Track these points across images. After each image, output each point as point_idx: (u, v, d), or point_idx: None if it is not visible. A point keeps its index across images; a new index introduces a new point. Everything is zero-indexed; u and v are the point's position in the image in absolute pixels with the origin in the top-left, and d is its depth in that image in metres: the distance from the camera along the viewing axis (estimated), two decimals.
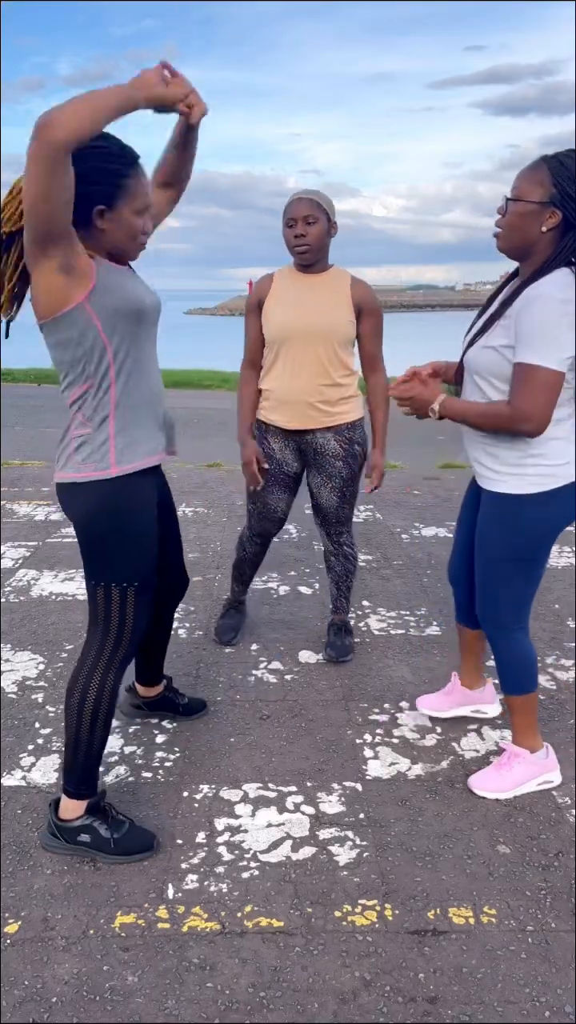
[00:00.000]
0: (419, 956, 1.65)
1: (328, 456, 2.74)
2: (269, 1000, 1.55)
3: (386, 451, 2.79)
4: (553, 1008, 1.53)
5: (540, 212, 1.76)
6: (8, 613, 3.34)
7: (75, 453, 1.75)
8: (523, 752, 2.13)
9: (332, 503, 2.82)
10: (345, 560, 2.94)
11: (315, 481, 2.81)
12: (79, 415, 1.74)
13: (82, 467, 1.74)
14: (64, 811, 1.92)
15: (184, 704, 2.52)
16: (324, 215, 2.53)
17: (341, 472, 2.77)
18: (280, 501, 2.84)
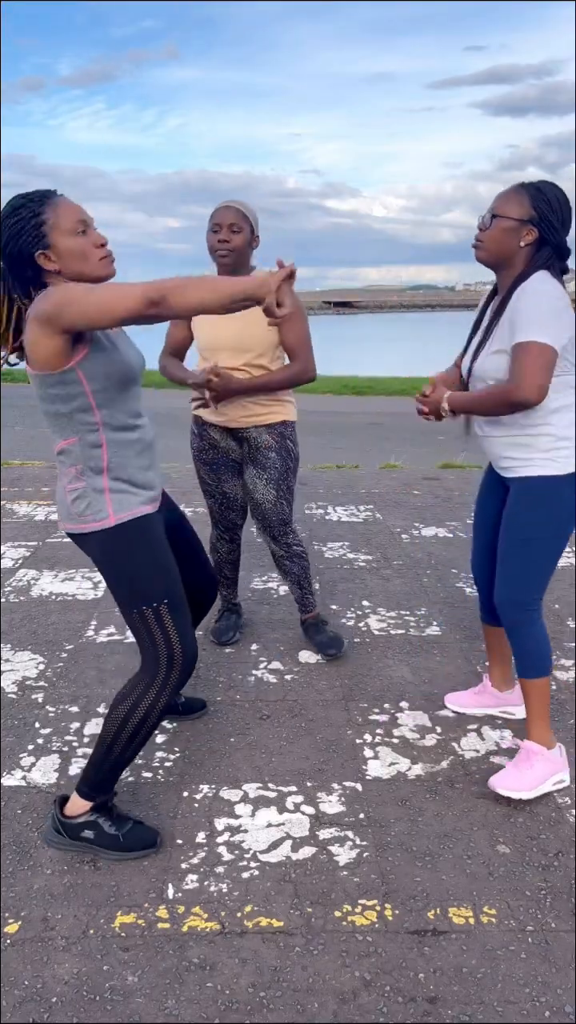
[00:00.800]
0: (419, 956, 1.65)
1: (262, 448, 2.77)
2: (269, 1000, 1.55)
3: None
4: (553, 1008, 1.53)
5: (519, 228, 1.97)
6: (8, 613, 3.34)
7: (72, 506, 1.80)
8: (541, 749, 2.14)
9: (269, 497, 2.79)
10: (298, 559, 2.93)
11: (250, 475, 2.81)
12: (71, 469, 1.78)
13: (82, 520, 1.80)
14: (70, 808, 1.93)
15: (183, 703, 2.52)
16: (248, 225, 2.62)
17: (275, 463, 2.77)
18: (235, 487, 2.89)
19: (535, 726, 2.16)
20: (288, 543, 2.90)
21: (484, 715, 2.54)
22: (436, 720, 2.53)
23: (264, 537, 2.91)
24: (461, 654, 2.97)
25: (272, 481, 2.79)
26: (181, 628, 1.84)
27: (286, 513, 2.85)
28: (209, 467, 2.85)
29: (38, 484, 5.52)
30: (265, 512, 2.83)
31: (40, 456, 6.57)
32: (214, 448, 2.82)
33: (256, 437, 2.77)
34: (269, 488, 2.80)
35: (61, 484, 1.82)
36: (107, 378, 1.71)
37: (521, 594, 2.11)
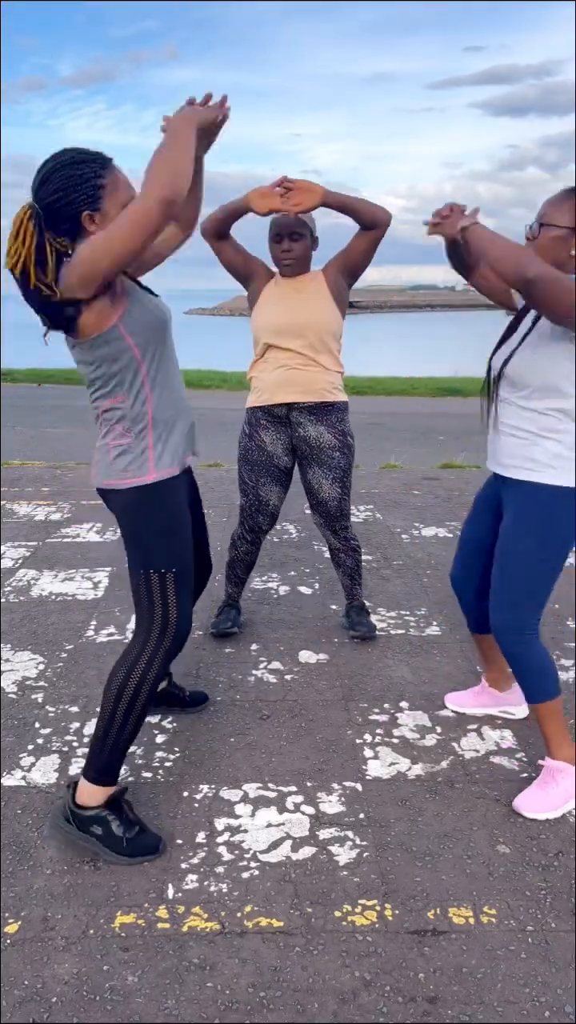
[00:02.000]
0: (419, 956, 1.65)
1: (325, 448, 2.82)
2: (269, 1000, 1.55)
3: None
4: (553, 1008, 1.53)
5: (568, 237, 1.87)
6: (8, 613, 3.34)
7: (115, 461, 1.85)
8: (566, 766, 2.09)
9: (335, 495, 2.87)
10: (353, 552, 3.04)
11: (315, 475, 2.86)
12: (118, 426, 1.83)
13: (123, 475, 1.84)
14: (81, 796, 1.92)
15: (188, 696, 2.55)
16: (308, 230, 2.71)
17: (340, 463, 2.85)
18: (272, 494, 2.91)
19: (554, 745, 2.10)
20: (347, 536, 2.99)
21: (484, 715, 2.55)
22: (436, 720, 2.53)
23: (323, 531, 2.99)
24: (461, 654, 2.97)
25: (338, 480, 2.86)
26: (181, 600, 1.90)
27: (348, 508, 2.93)
28: (251, 467, 2.88)
29: (38, 484, 5.52)
30: (329, 509, 2.90)
31: (40, 456, 6.58)
32: (261, 450, 2.85)
33: (317, 438, 2.80)
34: (335, 487, 2.86)
35: (104, 442, 1.87)
36: (146, 328, 1.77)
37: (519, 619, 2.04)
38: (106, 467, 1.87)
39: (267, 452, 2.85)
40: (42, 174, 1.68)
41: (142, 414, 1.82)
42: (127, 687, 1.87)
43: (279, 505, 2.95)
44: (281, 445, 2.85)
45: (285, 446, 2.86)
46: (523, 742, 2.40)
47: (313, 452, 2.82)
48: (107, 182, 1.69)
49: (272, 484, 2.90)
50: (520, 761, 2.31)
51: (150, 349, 1.79)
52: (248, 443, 2.89)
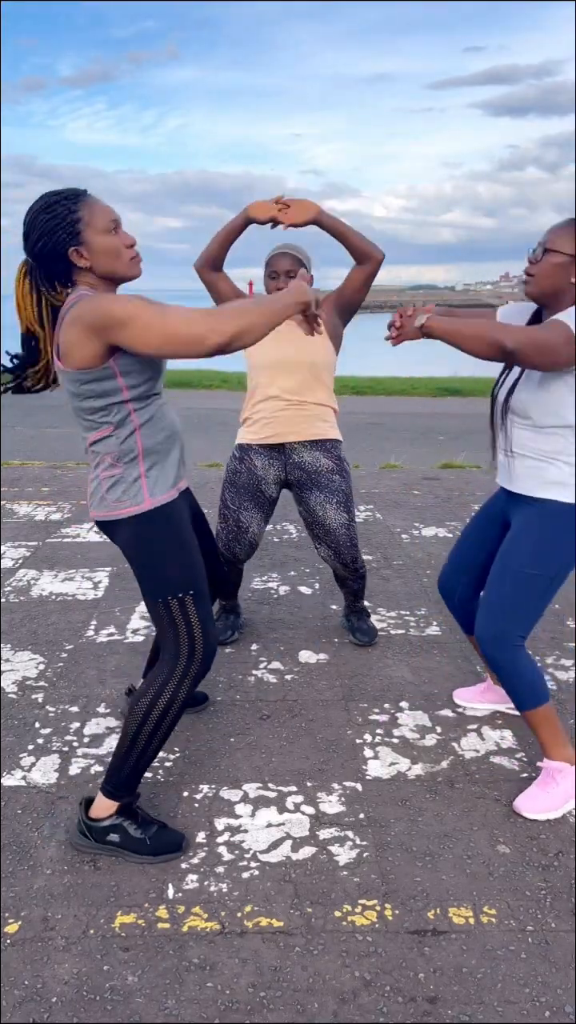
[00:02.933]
0: (419, 956, 1.65)
1: (324, 472, 2.78)
2: (269, 1000, 1.55)
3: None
4: (553, 1008, 1.53)
5: (569, 265, 1.89)
6: (8, 613, 3.34)
7: (108, 493, 1.82)
8: (564, 766, 2.09)
9: (342, 521, 2.79)
10: (362, 579, 2.99)
11: (317, 500, 2.78)
12: (107, 457, 1.81)
13: (118, 506, 1.81)
14: (95, 810, 1.93)
15: None
16: (306, 267, 2.73)
17: (341, 486, 2.80)
18: (252, 521, 2.84)
19: (551, 747, 2.10)
20: (357, 567, 2.91)
21: (485, 715, 2.54)
22: (436, 720, 2.53)
23: (332, 563, 2.89)
24: (461, 654, 2.97)
25: (342, 504, 2.79)
26: (204, 620, 1.86)
27: (356, 536, 2.85)
28: (236, 491, 2.83)
29: (38, 484, 5.53)
30: (338, 538, 2.80)
31: (40, 456, 6.58)
32: (251, 474, 2.81)
33: (313, 463, 2.77)
34: (341, 512, 2.79)
35: (95, 473, 1.84)
36: (141, 371, 1.75)
37: (508, 630, 2.02)
38: (100, 499, 1.84)
39: (256, 476, 2.80)
40: (25, 227, 1.71)
41: (131, 446, 1.79)
42: (155, 708, 1.85)
43: (258, 536, 2.87)
44: (273, 473, 2.80)
45: (276, 476, 2.81)
46: (523, 742, 2.40)
47: (311, 477, 2.77)
48: (83, 215, 1.69)
49: (255, 510, 2.83)
50: (520, 761, 2.31)
51: (142, 387, 1.76)
52: (238, 466, 2.83)
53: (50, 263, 1.71)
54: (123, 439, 1.78)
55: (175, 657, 1.85)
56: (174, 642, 1.85)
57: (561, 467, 1.97)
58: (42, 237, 1.68)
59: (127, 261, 1.76)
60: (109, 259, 1.73)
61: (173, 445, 1.88)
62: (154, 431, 1.82)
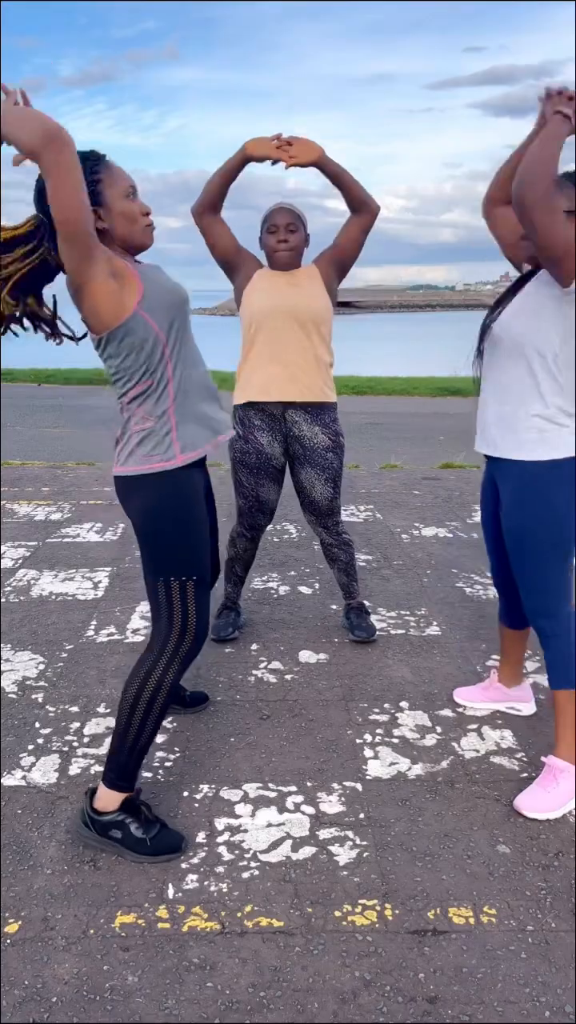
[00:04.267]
0: (419, 956, 1.65)
1: (319, 450, 2.82)
2: (269, 1000, 1.55)
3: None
4: (553, 1008, 1.53)
5: (568, 221, 1.86)
6: (8, 613, 3.34)
7: (139, 447, 1.82)
8: (568, 767, 2.08)
9: (327, 495, 2.89)
10: (346, 547, 3.04)
11: (307, 476, 2.86)
12: (140, 411, 1.81)
13: (148, 459, 1.81)
14: (99, 801, 1.93)
15: (188, 696, 2.55)
16: (302, 224, 2.75)
17: (333, 464, 2.86)
18: (271, 493, 2.92)
19: (563, 742, 2.09)
20: (339, 531, 2.99)
21: (485, 715, 2.54)
22: (436, 720, 2.53)
23: (315, 528, 2.99)
24: (461, 654, 2.97)
25: (330, 480, 2.87)
26: (200, 606, 1.88)
27: (338, 505, 2.95)
28: (249, 471, 2.86)
29: (38, 484, 5.53)
30: (320, 507, 2.92)
31: (40, 456, 6.58)
32: (259, 453, 2.83)
33: (311, 438, 2.80)
34: (327, 487, 2.88)
35: (127, 428, 1.84)
36: (166, 309, 1.76)
37: (544, 603, 2.05)
38: (128, 454, 1.83)
39: (265, 454, 2.84)
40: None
41: (164, 396, 1.80)
42: (144, 692, 1.86)
43: (276, 501, 2.97)
44: (278, 445, 2.85)
45: (281, 446, 2.86)
46: (523, 742, 2.40)
47: (307, 453, 2.82)
48: (103, 176, 1.72)
49: (271, 484, 2.90)
50: (520, 761, 2.31)
51: (172, 330, 1.78)
52: (244, 446, 2.84)
53: None
54: (159, 392, 1.80)
55: (166, 635, 1.87)
56: (167, 623, 1.87)
57: (533, 423, 1.97)
58: None
59: (143, 228, 1.79)
60: (125, 223, 1.75)
61: (205, 399, 1.89)
62: (186, 381, 1.84)
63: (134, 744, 1.89)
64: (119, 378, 1.81)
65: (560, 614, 2.05)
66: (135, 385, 1.80)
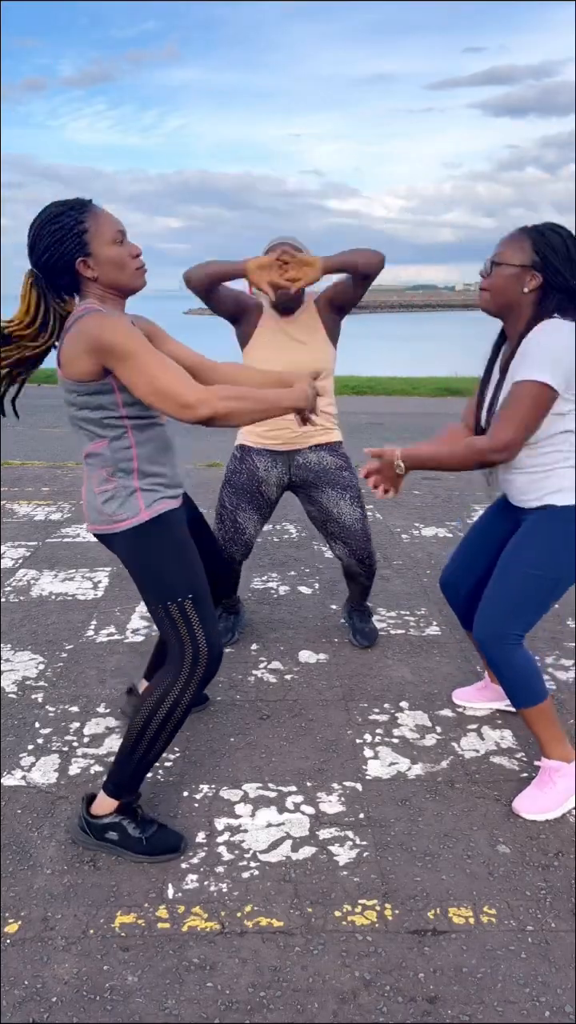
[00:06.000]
0: (419, 956, 1.65)
1: (331, 469, 2.77)
2: (269, 1000, 1.55)
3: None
4: (553, 1008, 1.53)
5: (522, 275, 1.90)
6: (8, 613, 3.34)
7: (104, 507, 1.82)
8: (562, 765, 2.08)
9: (356, 516, 2.78)
10: (372, 575, 2.93)
11: (329, 498, 2.76)
12: (101, 471, 1.81)
13: (115, 519, 1.82)
14: (96, 807, 1.93)
15: None
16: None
17: (352, 481, 2.80)
18: (249, 522, 2.81)
19: (549, 745, 2.09)
20: (372, 563, 2.87)
21: (485, 715, 2.54)
22: (436, 720, 2.53)
23: (348, 560, 2.84)
24: (461, 654, 2.97)
25: (355, 499, 2.79)
26: (207, 623, 1.86)
27: (370, 531, 2.83)
28: (234, 490, 2.80)
29: (38, 484, 5.53)
30: (354, 533, 2.77)
31: (40, 456, 6.58)
32: (251, 474, 2.77)
33: (319, 462, 2.75)
34: (355, 507, 2.78)
35: (90, 487, 1.85)
36: None
37: (507, 629, 2.02)
38: (97, 513, 1.84)
39: (257, 478, 2.76)
40: (31, 238, 1.70)
41: (125, 456, 1.79)
42: (159, 710, 1.84)
43: (254, 537, 2.84)
44: (275, 475, 2.77)
45: (279, 478, 2.78)
46: (523, 742, 2.40)
47: (319, 476, 2.75)
48: (89, 225, 1.70)
49: (252, 511, 2.80)
50: (520, 761, 2.31)
51: (139, 404, 1.76)
52: (238, 466, 2.79)
53: (57, 274, 1.71)
54: (119, 451, 1.78)
55: (180, 661, 1.85)
56: (178, 647, 1.85)
57: (560, 473, 1.97)
58: (48, 248, 1.68)
59: (132, 272, 1.76)
60: (115, 270, 1.73)
61: (168, 455, 1.88)
62: (150, 443, 1.82)
63: (142, 760, 1.88)
64: (78, 427, 1.80)
65: (508, 639, 2.02)
66: (93, 442, 1.79)
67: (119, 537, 1.84)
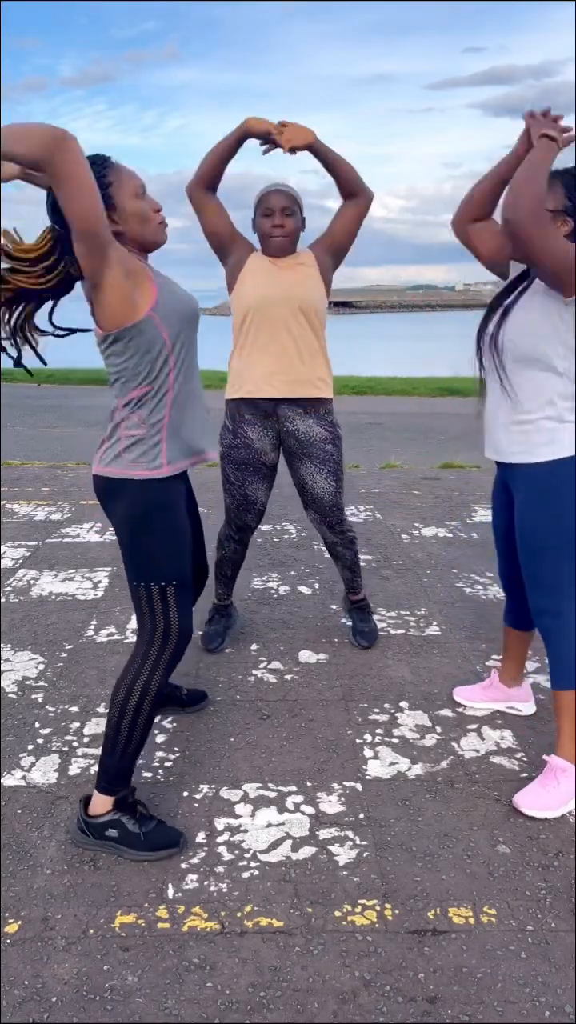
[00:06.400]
0: (419, 956, 1.65)
1: (316, 442, 2.76)
2: (269, 1000, 1.55)
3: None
4: (553, 1008, 1.53)
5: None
6: (8, 613, 3.34)
7: (126, 452, 1.82)
8: (569, 766, 2.08)
9: (330, 490, 2.80)
10: (351, 544, 2.96)
11: (307, 470, 2.79)
12: (134, 416, 1.81)
13: (134, 466, 1.81)
14: (93, 807, 1.94)
15: (186, 695, 2.54)
16: (299, 208, 2.66)
17: (333, 456, 2.78)
18: (259, 491, 2.84)
19: (565, 742, 2.09)
20: (344, 530, 2.91)
21: (485, 715, 2.54)
22: (436, 720, 2.53)
23: (320, 527, 2.91)
24: (461, 654, 2.97)
25: (332, 474, 2.80)
26: (182, 610, 1.88)
27: (342, 501, 2.86)
28: (236, 466, 2.80)
29: (38, 484, 5.53)
30: (324, 504, 2.83)
31: (40, 456, 6.58)
32: (247, 448, 2.77)
33: (307, 431, 2.74)
34: (329, 481, 2.80)
35: (117, 431, 1.83)
36: (178, 319, 1.78)
37: (551, 601, 2.05)
38: (115, 456, 1.82)
39: (254, 449, 2.77)
40: (52, 194, 1.67)
41: (161, 405, 1.81)
42: (131, 698, 1.86)
43: (266, 502, 2.89)
44: (268, 441, 2.78)
45: (272, 441, 2.78)
46: (523, 742, 2.40)
47: (303, 446, 2.76)
48: (112, 179, 1.72)
49: (259, 482, 2.82)
50: (520, 761, 2.31)
51: (180, 340, 1.79)
52: (233, 440, 2.79)
53: None
54: (156, 397, 1.80)
55: (148, 643, 1.87)
56: (149, 628, 1.87)
57: (542, 427, 1.98)
58: None
59: (155, 226, 1.80)
60: (138, 223, 1.76)
61: (199, 411, 1.91)
62: (184, 393, 1.84)
63: (124, 750, 1.89)
64: (119, 379, 1.81)
65: (565, 613, 2.05)
66: (135, 388, 1.79)
67: (128, 489, 1.82)
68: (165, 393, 1.81)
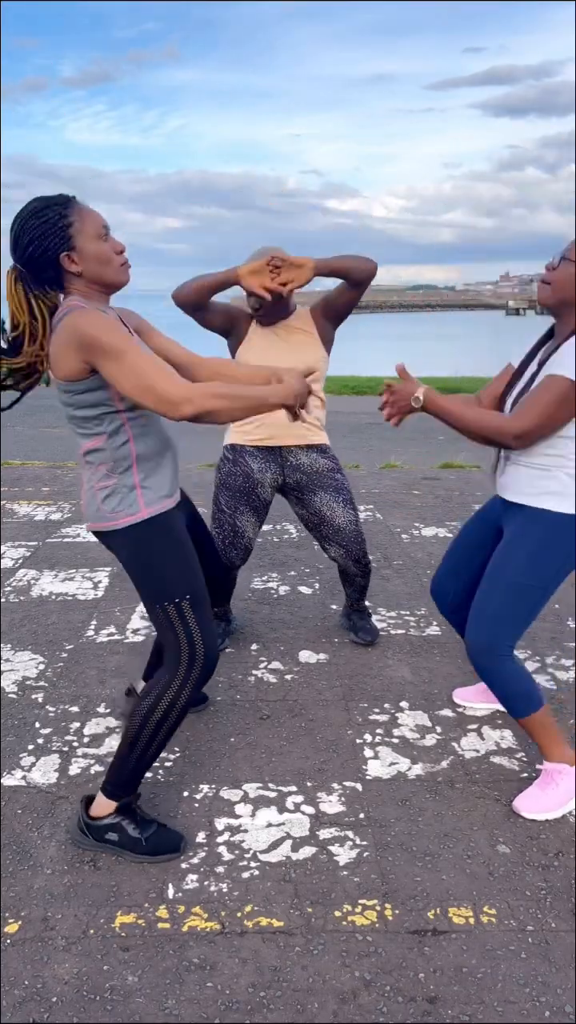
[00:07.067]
0: (419, 956, 1.65)
1: (325, 472, 2.75)
2: (269, 1000, 1.55)
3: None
4: (553, 1008, 1.53)
5: None
6: (8, 613, 3.34)
7: (103, 504, 1.81)
8: (564, 767, 2.08)
9: (350, 517, 2.77)
10: (368, 575, 2.95)
11: (323, 500, 2.75)
12: (101, 467, 1.80)
13: (114, 516, 1.81)
14: (95, 809, 1.93)
15: None
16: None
17: (344, 484, 2.79)
18: (248, 524, 2.79)
19: (549, 749, 2.08)
20: (367, 563, 2.89)
21: (485, 715, 2.54)
22: (436, 720, 2.53)
23: (345, 563, 2.85)
24: (461, 654, 2.97)
25: (349, 502, 2.78)
26: (203, 624, 1.85)
27: (363, 533, 2.83)
28: (231, 493, 2.76)
29: (38, 484, 5.53)
30: (348, 535, 2.78)
31: (40, 456, 6.58)
32: (246, 477, 2.74)
33: (312, 464, 2.73)
34: (348, 509, 2.77)
35: (89, 484, 1.84)
36: None
37: (498, 641, 2.00)
38: (95, 510, 1.83)
39: (253, 480, 2.74)
40: (14, 233, 1.69)
41: (125, 455, 1.78)
42: (156, 711, 1.84)
43: (253, 539, 2.83)
44: (269, 476, 2.75)
45: (273, 479, 2.76)
46: (523, 742, 2.40)
47: (312, 478, 2.74)
48: (74, 219, 1.69)
49: (250, 514, 2.78)
50: (520, 761, 2.31)
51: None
52: (232, 468, 2.76)
53: (40, 269, 1.70)
54: (117, 447, 1.78)
55: (176, 663, 1.85)
56: (175, 647, 1.85)
57: (559, 477, 1.95)
58: (32, 242, 1.67)
59: (117, 267, 1.75)
60: (99, 265, 1.72)
61: (167, 454, 1.88)
62: (148, 439, 1.81)
63: (139, 761, 1.88)
64: (73, 426, 1.80)
65: (499, 651, 2.01)
66: (92, 440, 1.78)
67: (119, 535, 1.83)
68: (125, 443, 1.77)
